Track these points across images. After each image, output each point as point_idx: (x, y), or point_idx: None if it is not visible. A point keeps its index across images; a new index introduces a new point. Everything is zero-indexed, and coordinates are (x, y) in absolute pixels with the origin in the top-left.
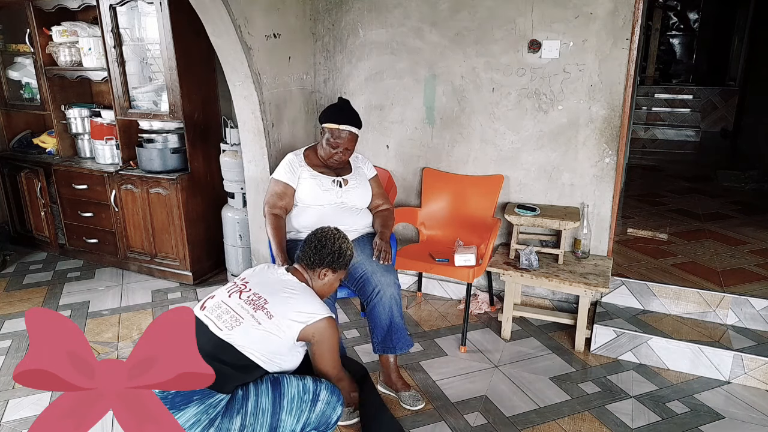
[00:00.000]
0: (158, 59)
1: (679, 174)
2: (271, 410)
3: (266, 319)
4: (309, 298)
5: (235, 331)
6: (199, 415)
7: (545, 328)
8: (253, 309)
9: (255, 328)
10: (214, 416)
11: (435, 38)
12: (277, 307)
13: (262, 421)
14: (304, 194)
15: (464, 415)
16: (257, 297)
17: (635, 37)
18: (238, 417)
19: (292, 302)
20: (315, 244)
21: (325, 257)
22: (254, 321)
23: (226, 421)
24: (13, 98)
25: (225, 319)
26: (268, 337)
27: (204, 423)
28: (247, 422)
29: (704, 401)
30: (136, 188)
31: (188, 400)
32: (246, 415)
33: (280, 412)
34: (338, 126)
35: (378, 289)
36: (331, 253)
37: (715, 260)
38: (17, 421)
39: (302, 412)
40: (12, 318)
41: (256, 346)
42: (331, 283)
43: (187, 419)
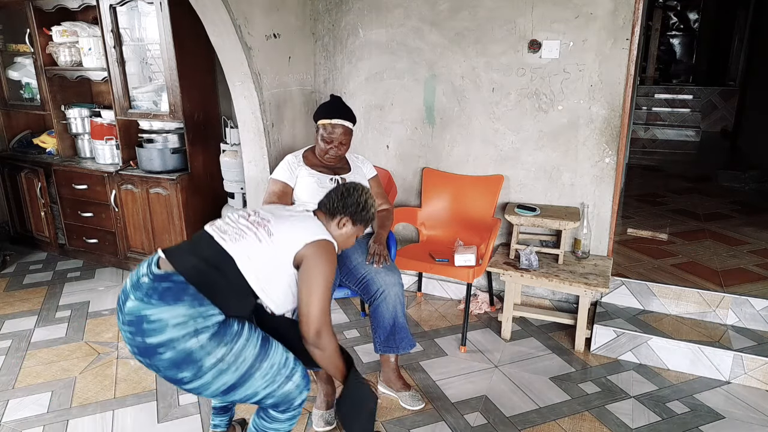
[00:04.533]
0: (158, 59)
1: (679, 174)
2: (250, 363)
3: (266, 236)
4: (313, 224)
5: (237, 244)
6: (187, 318)
7: (545, 328)
8: (255, 228)
9: (256, 245)
10: (201, 329)
11: (435, 38)
12: (278, 226)
13: (237, 367)
14: (302, 193)
15: (464, 415)
16: (263, 219)
17: (635, 37)
18: (222, 348)
19: (295, 222)
20: (342, 192)
21: (349, 206)
22: (256, 238)
23: (212, 343)
24: (13, 98)
25: (230, 232)
26: (266, 256)
27: (189, 329)
28: (226, 359)
29: (704, 401)
30: (136, 188)
31: (178, 298)
32: (229, 352)
33: (256, 371)
34: (330, 121)
35: (382, 289)
36: (356, 203)
37: (715, 260)
38: (17, 421)
39: (273, 383)
40: (12, 318)
41: (253, 265)
42: (348, 235)
43: (175, 317)
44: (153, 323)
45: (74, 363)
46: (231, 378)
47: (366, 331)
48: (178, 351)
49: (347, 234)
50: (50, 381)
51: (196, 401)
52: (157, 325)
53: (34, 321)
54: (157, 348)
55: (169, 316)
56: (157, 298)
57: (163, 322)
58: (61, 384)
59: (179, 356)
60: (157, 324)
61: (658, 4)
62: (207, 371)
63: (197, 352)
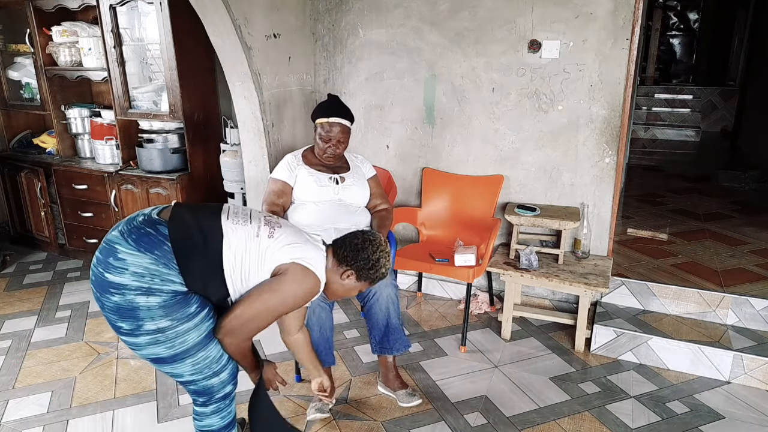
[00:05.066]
0: (158, 59)
1: (679, 174)
2: (187, 348)
3: (266, 235)
4: (316, 256)
5: (236, 227)
6: (146, 272)
7: (545, 328)
8: (264, 223)
9: (251, 237)
10: (154, 290)
11: (435, 38)
12: (283, 235)
13: (174, 346)
14: (301, 191)
15: (464, 415)
16: (275, 222)
17: (635, 37)
18: (167, 321)
19: (301, 245)
20: (358, 243)
21: (359, 260)
22: (256, 231)
23: (158, 311)
24: (13, 98)
25: (239, 215)
26: (253, 251)
27: (144, 285)
28: (166, 333)
29: (704, 401)
30: (136, 188)
31: (150, 249)
32: (172, 329)
33: (189, 357)
34: (328, 119)
35: (375, 290)
36: (367, 260)
37: (715, 260)
38: (17, 421)
39: (200, 373)
40: (12, 318)
41: (237, 251)
42: (349, 288)
43: (136, 265)
44: (118, 260)
45: (74, 363)
46: (162, 352)
47: (366, 332)
48: (126, 300)
49: (348, 287)
50: (50, 381)
51: None
52: (120, 264)
53: (34, 321)
54: (110, 287)
55: (132, 261)
56: (133, 240)
57: (126, 263)
58: (61, 384)
59: (125, 306)
60: (120, 263)
61: (658, 4)
62: (143, 334)
63: (142, 312)
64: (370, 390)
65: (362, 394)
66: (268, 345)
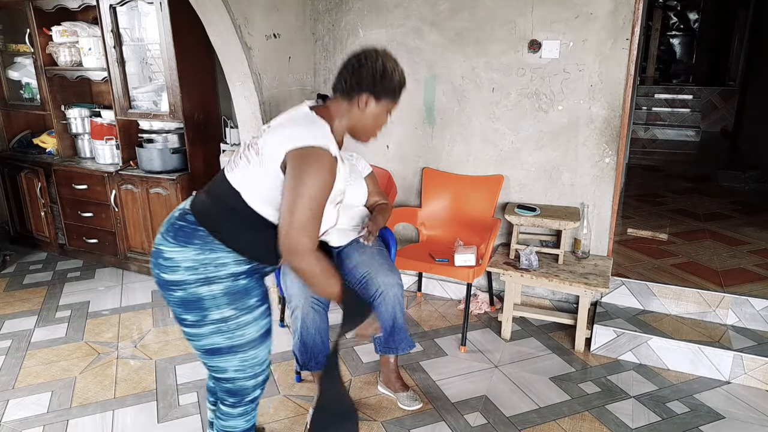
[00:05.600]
0: (158, 59)
1: (679, 174)
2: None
3: (255, 156)
4: (302, 129)
5: (235, 172)
6: (197, 264)
7: (545, 328)
8: (248, 150)
9: (246, 168)
10: (213, 278)
11: (435, 38)
12: (266, 141)
13: (232, 337)
14: None
15: (464, 415)
16: (255, 138)
17: (635, 37)
18: (230, 311)
19: (282, 131)
20: (353, 65)
21: (365, 78)
22: (247, 161)
23: (223, 299)
24: (13, 98)
25: (237, 159)
26: (258, 177)
27: (200, 276)
28: (229, 323)
29: (704, 401)
30: (136, 188)
31: (189, 241)
32: (235, 318)
33: (241, 352)
34: None
35: (381, 290)
36: (372, 73)
37: (715, 260)
38: (17, 421)
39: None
40: (12, 318)
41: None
42: (374, 114)
43: (186, 260)
44: (167, 260)
45: (74, 363)
46: (222, 342)
47: None
48: (189, 293)
49: (373, 112)
50: (50, 381)
51: (196, 401)
52: (170, 263)
53: (34, 321)
54: (170, 285)
55: (181, 258)
56: (172, 237)
57: (176, 261)
58: (61, 384)
59: (190, 298)
60: (169, 262)
61: (658, 4)
62: (207, 324)
63: (207, 302)
64: (370, 390)
65: (362, 394)
66: None
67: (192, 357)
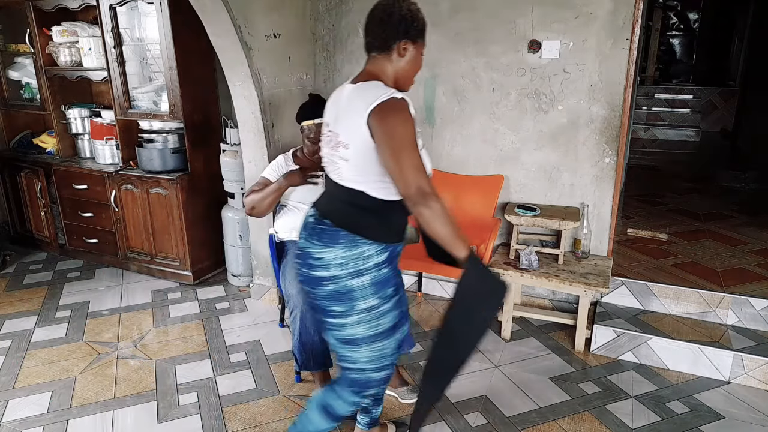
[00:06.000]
0: (158, 59)
1: (679, 174)
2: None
3: (345, 150)
4: (365, 91)
5: (339, 173)
6: (347, 260)
7: (545, 328)
8: (334, 150)
9: (344, 165)
10: (362, 270)
11: (435, 38)
12: (342, 129)
13: (373, 327)
14: (293, 193)
15: (464, 415)
16: (333, 134)
17: (635, 37)
18: (375, 300)
19: (349, 112)
20: (379, 17)
21: (397, 25)
22: (342, 158)
23: (370, 289)
24: (13, 98)
25: (330, 165)
26: (359, 166)
27: (351, 270)
28: (372, 312)
29: (704, 401)
30: (136, 188)
31: (335, 241)
32: (377, 308)
33: (375, 342)
34: (313, 121)
35: None
36: (402, 19)
37: (715, 260)
38: (17, 421)
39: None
40: (12, 318)
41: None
42: (412, 58)
43: (335, 258)
44: (317, 260)
45: (74, 363)
46: (362, 332)
47: None
48: (340, 286)
49: (413, 56)
50: (50, 381)
51: (196, 401)
52: (321, 263)
53: (34, 321)
54: (321, 281)
55: (330, 257)
56: (317, 240)
57: (326, 260)
58: (61, 384)
59: (341, 290)
60: (320, 262)
61: (658, 4)
62: (355, 314)
63: (357, 292)
64: None
65: None
66: (267, 345)
67: (192, 357)
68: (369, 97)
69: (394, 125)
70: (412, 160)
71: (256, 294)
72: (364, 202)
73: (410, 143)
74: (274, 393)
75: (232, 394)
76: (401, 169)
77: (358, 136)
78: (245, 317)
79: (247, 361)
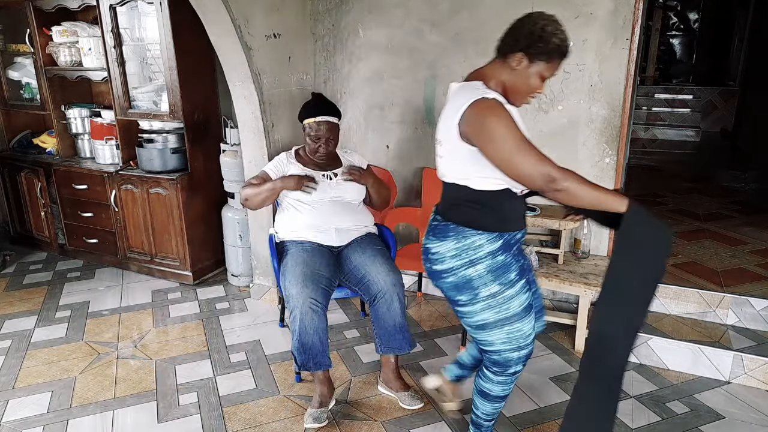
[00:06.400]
0: (158, 59)
1: (679, 174)
2: (509, 315)
3: (441, 147)
4: (463, 93)
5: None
6: (459, 251)
7: (545, 328)
8: (437, 145)
9: (446, 162)
10: (475, 260)
11: (435, 38)
12: (442, 128)
13: (500, 311)
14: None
15: (464, 416)
16: (437, 131)
17: (635, 37)
18: (496, 286)
19: (449, 110)
20: (514, 24)
21: (521, 37)
22: (446, 156)
23: (488, 276)
24: (13, 98)
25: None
26: (456, 163)
27: (465, 260)
28: (497, 298)
29: (704, 401)
30: (136, 188)
31: (445, 235)
32: (500, 294)
33: (507, 325)
34: (315, 119)
35: (384, 290)
36: (529, 33)
37: (715, 260)
38: (17, 421)
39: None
40: (12, 318)
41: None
42: (526, 75)
43: (448, 250)
44: (434, 255)
45: (74, 363)
46: (491, 317)
47: (366, 331)
48: (459, 277)
49: (525, 74)
50: (50, 381)
51: (196, 401)
52: (437, 257)
53: (34, 321)
54: (441, 273)
55: (444, 250)
56: (432, 235)
57: (441, 255)
58: (61, 384)
59: (460, 281)
60: (436, 256)
61: (658, 4)
62: (479, 301)
63: (476, 281)
64: (370, 390)
65: (362, 394)
66: (267, 345)
67: (192, 357)
68: (461, 100)
69: (492, 127)
70: (523, 155)
71: (256, 294)
72: (469, 196)
73: (513, 139)
74: (274, 393)
75: (232, 394)
76: (517, 169)
77: (450, 136)
78: (245, 317)
79: (247, 361)
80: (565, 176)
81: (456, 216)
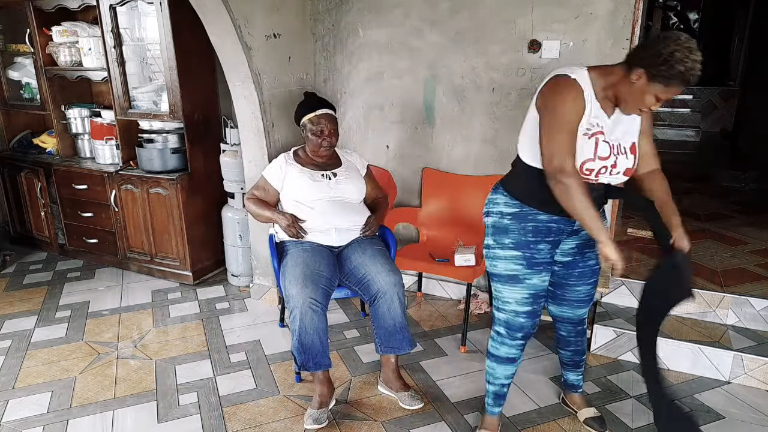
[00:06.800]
0: (158, 59)
1: (679, 174)
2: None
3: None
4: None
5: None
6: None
7: (545, 328)
8: None
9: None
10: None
11: (435, 38)
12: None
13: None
14: (295, 190)
15: (464, 416)
16: None
17: (635, 37)
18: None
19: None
20: (651, 38)
21: (647, 56)
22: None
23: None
24: (13, 98)
25: None
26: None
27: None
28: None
29: (704, 401)
30: (136, 188)
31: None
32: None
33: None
34: (315, 113)
35: (383, 290)
36: (655, 55)
37: (715, 260)
38: (17, 421)
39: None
40: (12, 318)
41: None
42: (641, 91)
43: (487, 198)
44: None
45: (74, 363)
46: (487, 266)
47: (366, 331)
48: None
49: (640, 90)
50: (50, 381)
51: (196, 401)
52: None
53: (34, 321)
54: None
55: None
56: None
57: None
58: (61, 384)
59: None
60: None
61: (658, 4)
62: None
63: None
64: (370, 390)
65: (362, 394)
66: (267, 345)
67: (192, 357)
68: (551, 74)
69: (556, 100)
70: (557, 134)
71: (256, 294)
72: (517, 163)
73: (561, 118)
74: (274, 393)
75: (232, 394)
76: (545, 141)
77: (533, 102)
78: (245, 317)
79: (247, 361)
80: (573, 177)
81: (505, 176)
